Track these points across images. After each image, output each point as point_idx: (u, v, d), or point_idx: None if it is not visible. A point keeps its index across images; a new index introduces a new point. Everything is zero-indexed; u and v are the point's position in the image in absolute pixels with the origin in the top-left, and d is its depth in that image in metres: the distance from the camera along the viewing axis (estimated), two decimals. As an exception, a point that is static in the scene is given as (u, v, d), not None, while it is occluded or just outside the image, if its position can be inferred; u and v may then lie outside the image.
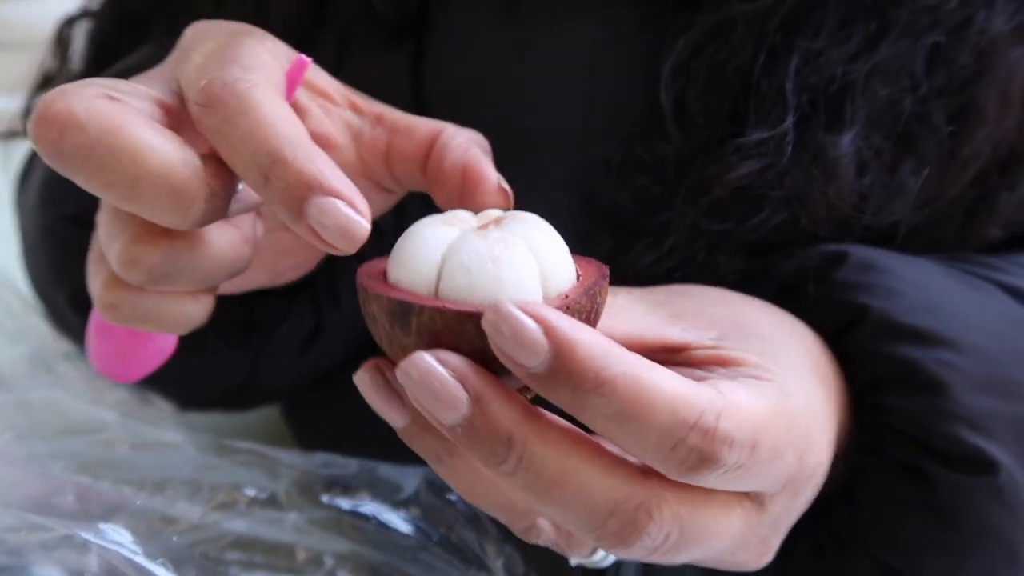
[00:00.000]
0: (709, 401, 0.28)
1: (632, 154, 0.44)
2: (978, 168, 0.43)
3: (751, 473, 0.29)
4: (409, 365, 0.27)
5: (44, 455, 0.41)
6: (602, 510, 0.28)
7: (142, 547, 0.34)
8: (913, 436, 0.37)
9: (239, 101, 0.30)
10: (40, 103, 0.30)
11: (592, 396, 0.27)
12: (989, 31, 0.41)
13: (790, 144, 0.40)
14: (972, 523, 0.36)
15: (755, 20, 0.41)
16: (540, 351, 0.27)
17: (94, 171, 0.30)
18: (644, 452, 0.28)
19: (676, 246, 0.42)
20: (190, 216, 0.31)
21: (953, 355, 0.37)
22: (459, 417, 0.28)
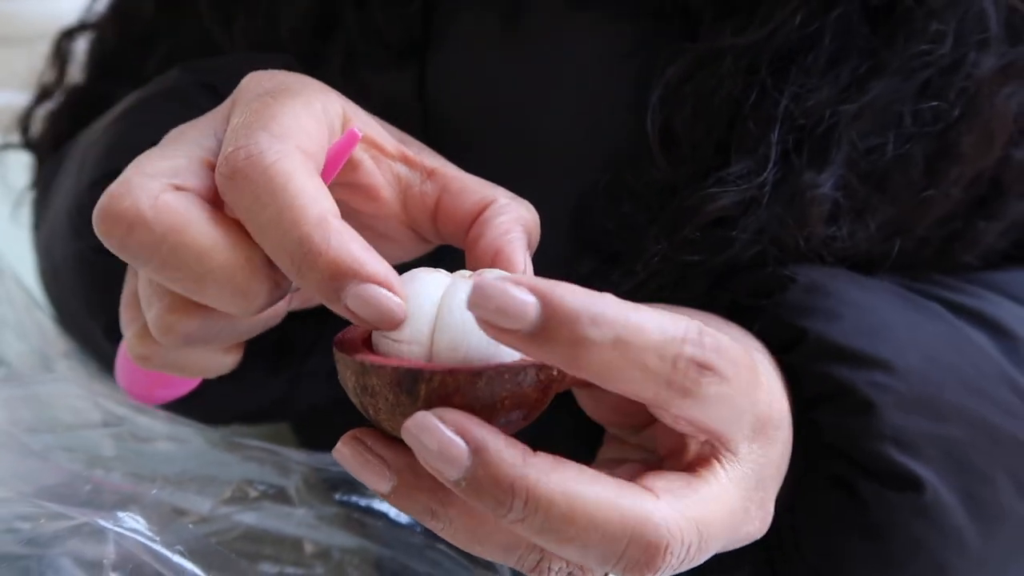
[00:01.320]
0: (686, 320, 0.29)
1: (620, 179, 0.44)
2: (948, 205, 0.43)
3: (737, 394, 0.30)
4: (412, 425, 0.28)
5: (56, 448, 0.41)
6: (619, 538, 0.29)
7: (159, 536, 0.35)
8: (845, 453, 0.38)
9: (265, 178, 0.30)
10: (107, 198, 0.30)
11: (590, 331, 0.27)
12: (978, 73, 0.41)
13: (769, 182, 0.40)
14: (900, 539, 0.38)
15: (746, 53, 0.42)
16: (530, 309, 0.27)
17: (159, 266, 0.30)
18: (646, 379, 0.28)
19: (652, 273, 0.43)
20: (252, 307, 0.32)
21: (886, 376, 0.38)
22: (462, 471, 0.28)
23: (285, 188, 0.30)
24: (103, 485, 0.42)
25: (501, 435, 0.29)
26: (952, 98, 0.41)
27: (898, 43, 0.41)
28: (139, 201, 0.30)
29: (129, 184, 0.30)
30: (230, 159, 0.30)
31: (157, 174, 0.31)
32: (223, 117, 0.34)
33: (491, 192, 0.37)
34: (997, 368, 0.40)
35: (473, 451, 0.28)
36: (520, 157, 0.48)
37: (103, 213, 0.30)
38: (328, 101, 0.34)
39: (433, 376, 0.29)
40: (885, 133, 0.41)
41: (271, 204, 0.29)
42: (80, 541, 0.41)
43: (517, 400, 0.30)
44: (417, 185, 0.38)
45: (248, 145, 0.30)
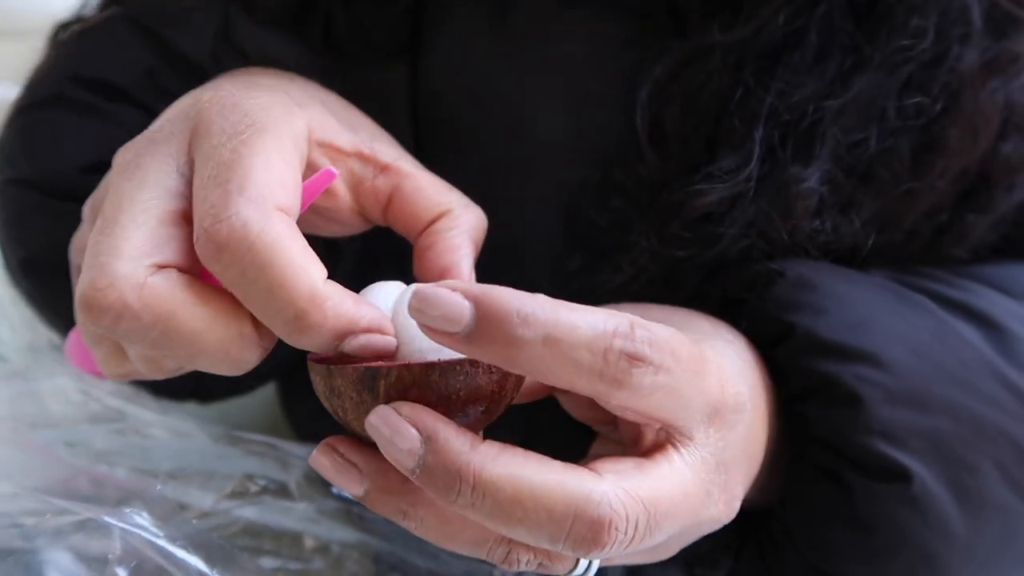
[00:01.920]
0: (620, 315, 0.31)
1: (609, 175, 0.45)
2: (936, 198, 0.44)
3: (679, 383, 0.32)
4: (373, 418, 0.31)
5: (59, 442, 0.42)
6: (565, 516, 0.30)
7: (163, 531, 0.35)
8: (832, 445, 0.39)
9: (251, 254, 0.30)
10: (91, 290, 0.30)
11: (521, 331, 0.29)
12: (961, 67, 0.42)
13: (755, 177, 0.41)
14: (888, 529, 0.38)
15: (732, 51, 0.42)
16: (465, 312, 0.29)
17: (151, 347, 0.31)
18: (579, 373, 0.30)
19: (640, 269, 0.43)
20: (243, 370, 0.33)
21: (872, 370, 0.38)
22: (416, 458, 0.30)
23: (272, 263, 0.30)
24: (105, 480, 0.42)
25: (452, 425, 0.31)
26: (936, 92, 0.42)
27: (881, 39, 0.41)
28: (124, 293, 0.30)
29: (111, 275, 0.30)
30: (212, 234, 0.30)
31: (136, 256, 0.31)
32: (182, 146, 0.34)
33: (446, 199, 0.39)
34: (983, 360, 0.40)
35: (425, 439, 0.30)
36: (510, 153, 0.48)
37: (88, 305, 0.30)
38: (295, 127, 0.35)
39: (390, 372, 0.31)
40: (869, 127, 0.42)
41: (260, 280, 0.30)
42: (85, 536, 0.41)
43: (472, 393, 0.32)
44: (370, 180, 0.39)
45: (229, 217, 0.30)
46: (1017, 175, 0.45)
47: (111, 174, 0.34)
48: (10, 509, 0.38)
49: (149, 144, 0.34)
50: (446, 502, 0.31)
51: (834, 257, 0.44)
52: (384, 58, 0.49)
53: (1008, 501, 0.39)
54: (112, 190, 0.33)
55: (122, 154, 0.35)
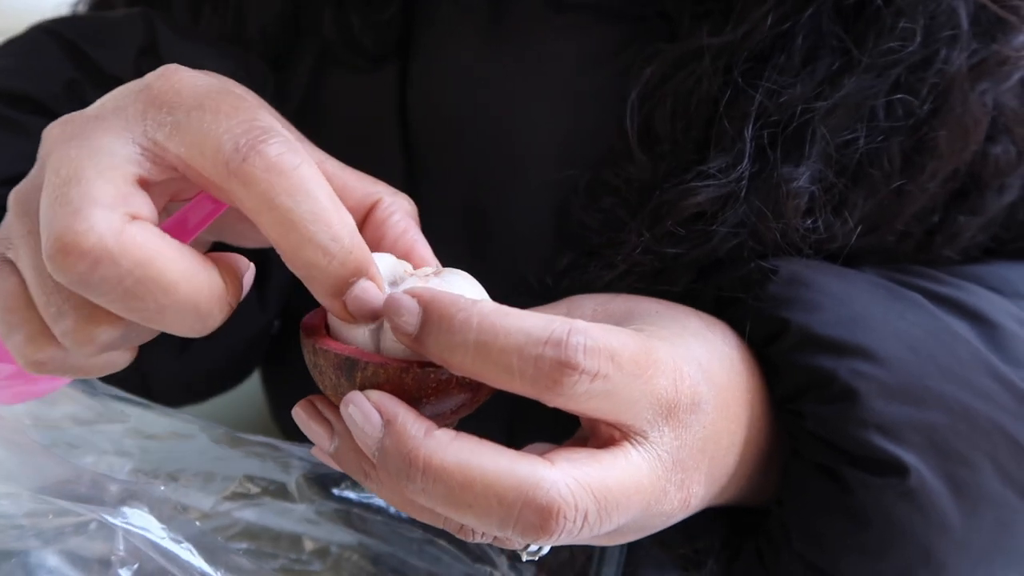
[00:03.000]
0: (560, 322, 0.32)
1: (600, 176, 0.45)
2: (927, 199, 0.44)
3: (618, 388, 0.32)
4: (346, 400, 0.33)
5: (62, 443, 0.42)
6: (514, 502, 0.31)
7: (167, 532, 0.35)
8: (828, 440, 0.39)
9: (300, 177, 0.31)
10: (68, 232, 0.29)
11: (457, 335, 0.31)
12: (949, 69, 0.42)
13: (746, 177, 0.41)
14: (883, 522, 0.39)
15: (722, 53, 0.42)
16: (415, 315, 0.32)
17: (120, 298, 0.30)
18: (512, 377, 0.31)
19: (631, 266, 0.44)
20: (208, 329, 0.33)
21: (867, 365, 0.39)
22: (376, 441, 0.32)
23: (320, 188, 0.31)
24: (106, 481, 0.42)
25: (412, 412, 0.32)
26: (924, 94, 0.42)
27: (869, 41, 0.42)
28: (104, 237, 0.29)
29: (90, 219, 0.29)
30: (262, 153, 0.30)
31: (112, 204, 0.30)
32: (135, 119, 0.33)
33: (372, 189, 0.39)
34: (976, 355, 0.41)
35: (385, 422, 0.32)
36: (501, 155, 0.48)
37: (64, 247, 0.29)
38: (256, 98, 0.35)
39: (368, 365, 0.33)
40: (858, 128, 0.42)
41: (306, 201, 0.31)
42: (87, 537, 0.41)
43: (442, 393, 0.33)
44: None
45: (275, 143, 0.31)
46: (1007, 177, 0.45)
47: (43, 150, 0.33)
48: (11, 511, 0.38)
49: (92, 121, 0.33)
50: (401, 488, 0.32)
51: (827, 256, 0.44)
52: (373, 61, 0.50)
53: (1003, 495, 0.40)
54: (57, 159, 0.32)
55: (58, 126, 0.33)
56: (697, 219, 0.42)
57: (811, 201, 0.42)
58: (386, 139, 0.50)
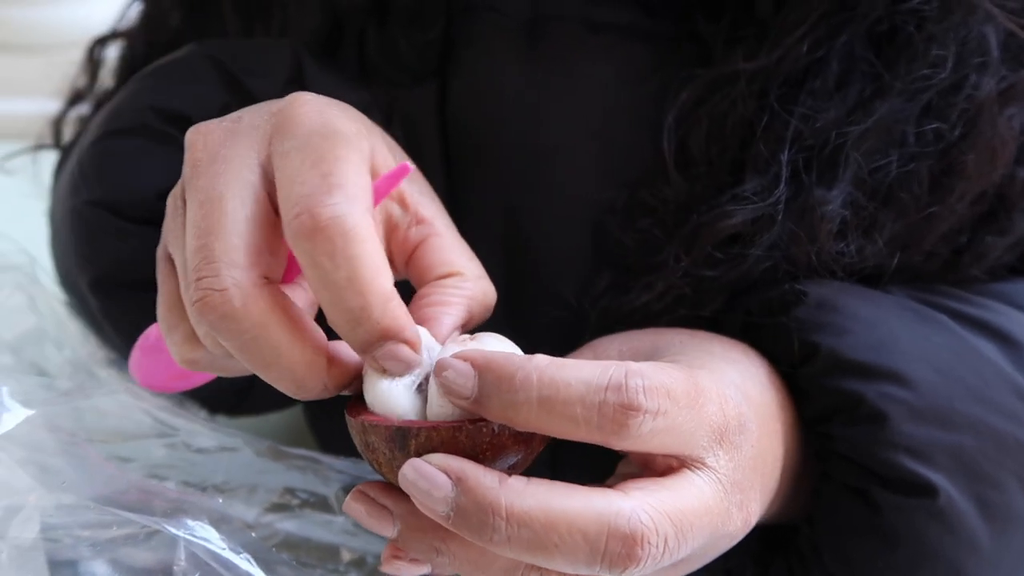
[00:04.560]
0: (615, 367, 0.33)
1: (637, 197, 0.46)
2: (955, 220, 0.45)
3: (677, 422, 0.33)
4: (405, 470, 0.33)
5: (114, 457, 0.43)
6: (599, 535, 0.32)
7: (227, 543, 0.36)
8: (858, 462, 0.40)
9: (344, 242, 0.32)
10: (203, 292, 0.33)
11: (519, 395, 0.32)
12: (978, 95, 0.43)
13: (782, 200, 0.43)
14: (914, 542, 0.40)
15: (756, 78, 0.43)
16: (470, 381, 0.33)
17: (237, 347, 0.34)
18: (578, 426, 0.32)
19: (668, 288, 0.45)
20: (301, 396, 0.35)
21: (896, 388, 0.40)
22: (449, 502, 0.32)
23: (360, 256, 0.33)
24: (155, 493, 0.43)
25: (479, 466, 0.33)
26: (954, 119, 0.43)
27: (901, 67, 0.43)
28: (234, 300, 0.33)
29: (225, 281, 0.33)
30: (314, 216, 0.32)
31: (245, 266, 0.34)
32: (263, 141, 0.36)
33: (461, 263, 0.41)
34: (1003, 376, 0.42)
35: (455, 481, 0.32)
36: (538, 174, 0.50)
37: (201, 300, 0.33)
38: (364, 148, 0.37)
39: (420, 432, 0.33)
40: (890, 152, 0.43)
41: (344, 268, 0.32)
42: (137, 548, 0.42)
43: (497, 449, 0.34)
44: (404, 228, 0.41)
45: (332, 204, 0.32)
46: None
47: (189, 158, 0.37)
48: (69, 521, 0.40)
49: (230, 135, 0.37)
50: (482, 541, 0.32)
51: (857, 277, 0.45)
52: (415, 79, 0.51)
53: None
54: (201, 184, 0.35)
55: (201, 137, 0.37)
56: (732, 242, 0.43)
57: (843, 224, 0.43)
58: (426, 155, 0.51)
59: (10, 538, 0.37)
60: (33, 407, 0.39)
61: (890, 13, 0.42)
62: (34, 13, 1.06)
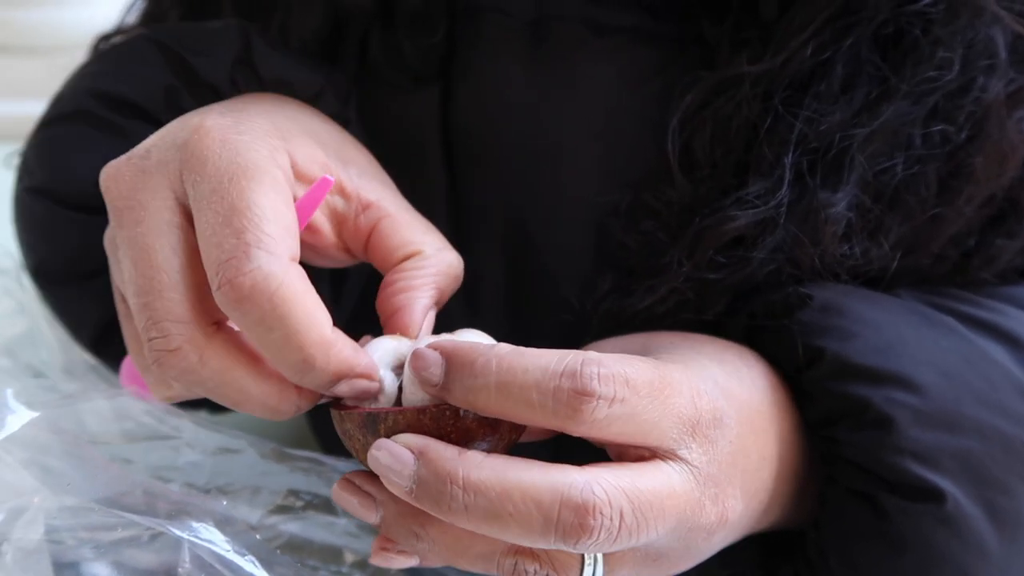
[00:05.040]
0: (573, 354, 0.34)
1: (641, 199, 0.46)
2: (963, 223, 0.45)
3: (637, 410, 0.34)
4: (373, 450, 0.35)
5: (119, 459, 0.43)
6: (552, 504, 0.33)
7: (231, 544, 0.36)
8: (864, 467, 0.40)
9: (271, 304, 0.34)
10: (162, 355, 0.35)
11: (479, 378, 0.34)
12: (986, 97, 0.43)
13: (785, 203, 0.43)
14: (922, 547, 0.39)
15: (761, 81, 0.43)
16: (438, 365, 0.35)
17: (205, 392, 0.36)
18: (534, 411, 0.34)
19: (671, 291, 0.45)
20: (278, 419, 0.37)
21: (902, 393, 0.40)
22: (411, 475, 0.34)
23: (290, 315, 0.34)
24: (159, 494, 0.43)
25: (440, 441, 0.34)
26: (961, 121, 0.43)
27: (907, 70, 0.43)
28: (189, 355, 0.35)
29: (170, 338, 0.35)
30: (236, 286, 0.33)
31: (192, 321, 0.35)
32: (174, 177, 0.36)
33: (419, 239, 0.42)
34: (1011, 380, 0.42)
35: (417, 455, 0.34)
36: (542, 177, 0.50)
37: (157, 364, 0.35)
38: (281, 164, 0.37)
39: (387, 416, 0.35)
40: (896, 155, 0.43)
41: (277, 328, 0.34)
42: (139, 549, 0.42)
43: (463, 432, 0.35)
44: (352, 217, 0.42)
45: (251, 271, 0.33)
46: None
47: (109, 204, 0.37)
48: (74, 523, 0.40)
49: (141, 176, 0.37)
50: (441, 512, 0.33)
51: (863, 280, 0.45)
52: (417, 83, 0.51)
53: None
54: (125, 235, 0.36)
55: (113, 182, 0.37)
56: (736, 244, 0.43)
57: (848, 227, 0.43)
58: (429, 157, 0.51)
59: (14, 540, 0.37)
60: (37, 409, 0.39)
61: (896, 15, 0.42)
62: (37, 15, 1.06)
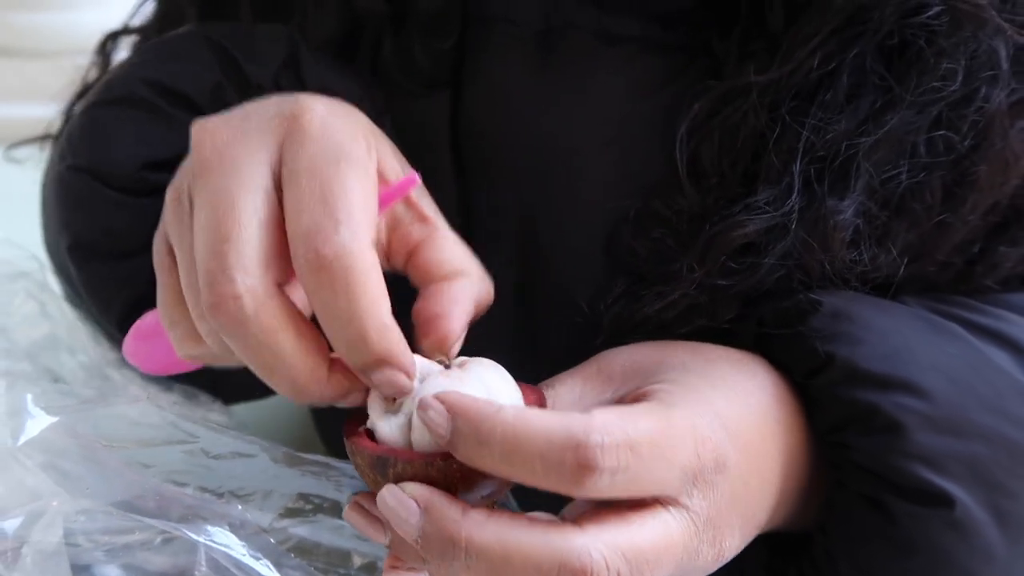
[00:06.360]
0: (579, 422, 0.34)
1: (650, 206, 0.47)
2: (968, 231, 0.46)
3: (644, 471, 0.34)
4: (383, 494, 0.36)
5: (135, 463, 0.43)
6: (551, 570, 0.33)
7: (247, 548, 0.37)
8: (873, 471, 0.40)
9: (347, 277, 0.34)
10: (215, 296, 0.35)
11: (484, 445, 0.34)
12: (989, 107, 0.43)
13: (795, 210, 0.43)
14: (930, 552, 0.40)
15: (768, 90, 0.44)
16: (444, 421, 0.35)
17: (242, 349, 0.36)
18: (537, 479, 0.34)
19: (682, 298, 0.45)
20: (302, 400, 0.37)
21: (911, 399, 0.40)
22: (417, 528, 0.34)
23: (363, 292, 0.35)
24: (173, 499, 0.44)
25: (447, 498, 0.35)
26: (964, 130, 0.44)
27: (911, 80, 0.43)
28: (246, 306, 0.35)
29: (235, 284, 0.35)
30: (319, 254, 0.34)
31: (259, 272, 0.35)
32: (274, 145, 0.37)
33: (466, 265, 0.42)
34: (1016, 387, 0.42)
35: (423, 509, 0.34)
36: (551, 184, 0.50)
37: (213, 307, 0.35)
38: (372, 154, 0.38)
39: (397, 462, 0.36)
40: (901, 163, 0.44)
41: (346, 303, 0.35)
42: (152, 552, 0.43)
43: (470, 481, 0.36)
44: (406, 225, 0.42)
45: (337, 243, 0.34)
46: None
47: (196, 156, 0.37)
48: (91, 526, 0.40)
49: (239, 135, 0.37)
50: (445, 567, 0.34)
51: (873, 288, 0.45)
52: (428, 88, 0.52)
53: None
54: (211, 185, 0.36)
55: (208, 135, 0.38)
56: (746, 251, 0.44)
57: (856, 234, 0.44)
58: (439, 162, 0.52)
59: (34, 542, 0.37)
60: (55, 414, 0.39)
61: (900, 27, 0.43)
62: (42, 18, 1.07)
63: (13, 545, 0.38)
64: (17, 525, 0.38)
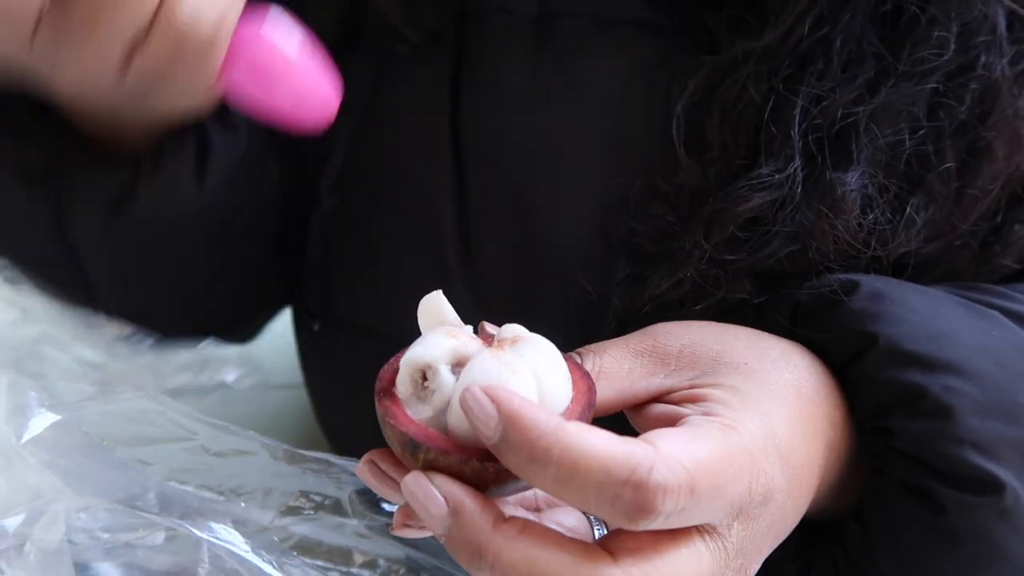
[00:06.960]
0: (641, 457, 0.31)
1: (651, 184, 0.47)
2: (988, 204, 0.45)
3: (697, 511, 0.33)
4: (408, 481, 0.33)
5: (137, 461, 0.43)
6: None
7: (250, 545, 0.37)
8: (920, 458, 0.39)
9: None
10: None
11: (537, 463, 0.31)
12: (991, 75, 0.43)
13: (799, 181, 0.42)
14: (977, 541, 0.39)
15: (763, 59, 0.44)
16: (493, 423, 0.32)
17: None
18: (588, 507, 0.32)
19: (691, 274, 0.44)
20: None
21: (959, 381, 0.38)
22: (444, 526, 0.33)
23: None
24: (174, 496, 0.44)
25: (478, 499, 0.33)
26: (967, 99, 0.43)
27: (905, 49, 0.43)
28: None
29: None
30: None
31: None
32: None
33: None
34: None
35: (452, 511, 0.33)
36: (550, 167, 0.50)
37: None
38: None
39: (429, 450, 0.33)
40: (902, 132, 0.43)
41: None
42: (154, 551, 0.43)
43: (503, 479, 0.34)
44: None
45: None
46: None
47: None
48: (93, 524, 0.40)
49: None
50: (469, 569, 0.33)
51: (893, 268, 0.45)
52: (430, 39, 0.52)
53: None
54: None
55: None
56: (752, 224, 0.43)
57: (866, 202, 0.43)
58: (438, 148, 0.52)
59: (36, 540, 0.37)
60: (58, 412, 0.39)
61: None
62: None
63: (15, 543, 0.38)
64: (19, 523, 0.38)
